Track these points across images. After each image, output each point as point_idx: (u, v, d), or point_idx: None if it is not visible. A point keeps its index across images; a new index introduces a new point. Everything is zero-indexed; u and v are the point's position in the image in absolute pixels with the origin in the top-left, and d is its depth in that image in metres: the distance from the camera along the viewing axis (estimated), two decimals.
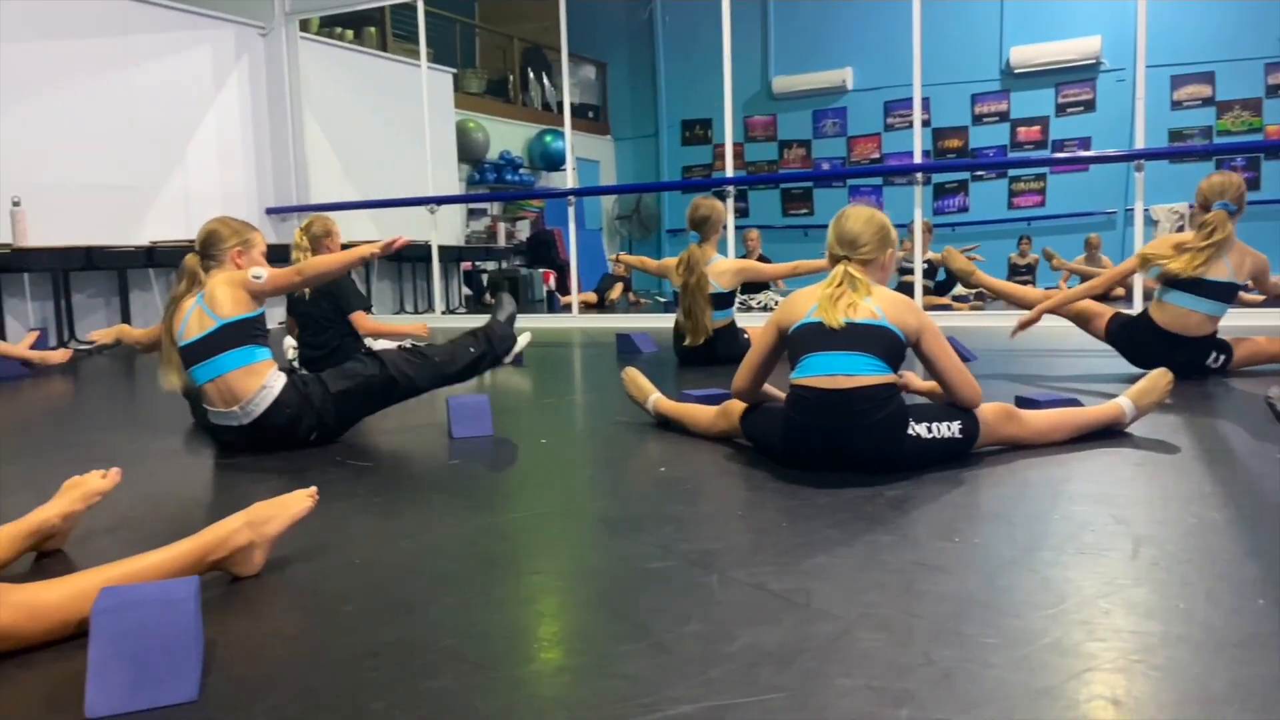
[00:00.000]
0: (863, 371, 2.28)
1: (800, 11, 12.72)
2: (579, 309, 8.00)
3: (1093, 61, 11.40)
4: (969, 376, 2.43)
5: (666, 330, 5.24)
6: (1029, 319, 3.98)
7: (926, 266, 6.84)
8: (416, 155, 8.57)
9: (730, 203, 6.86)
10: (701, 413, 2.85)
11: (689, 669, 1.27)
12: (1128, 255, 4.90)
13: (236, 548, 1.65)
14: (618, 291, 10.55)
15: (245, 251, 2.89)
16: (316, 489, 1.80)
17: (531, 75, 13.18)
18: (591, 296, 9.96)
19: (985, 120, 12.11)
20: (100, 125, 7.14)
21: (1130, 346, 3.94)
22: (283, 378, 2.82)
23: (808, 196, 13.12)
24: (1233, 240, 3.74)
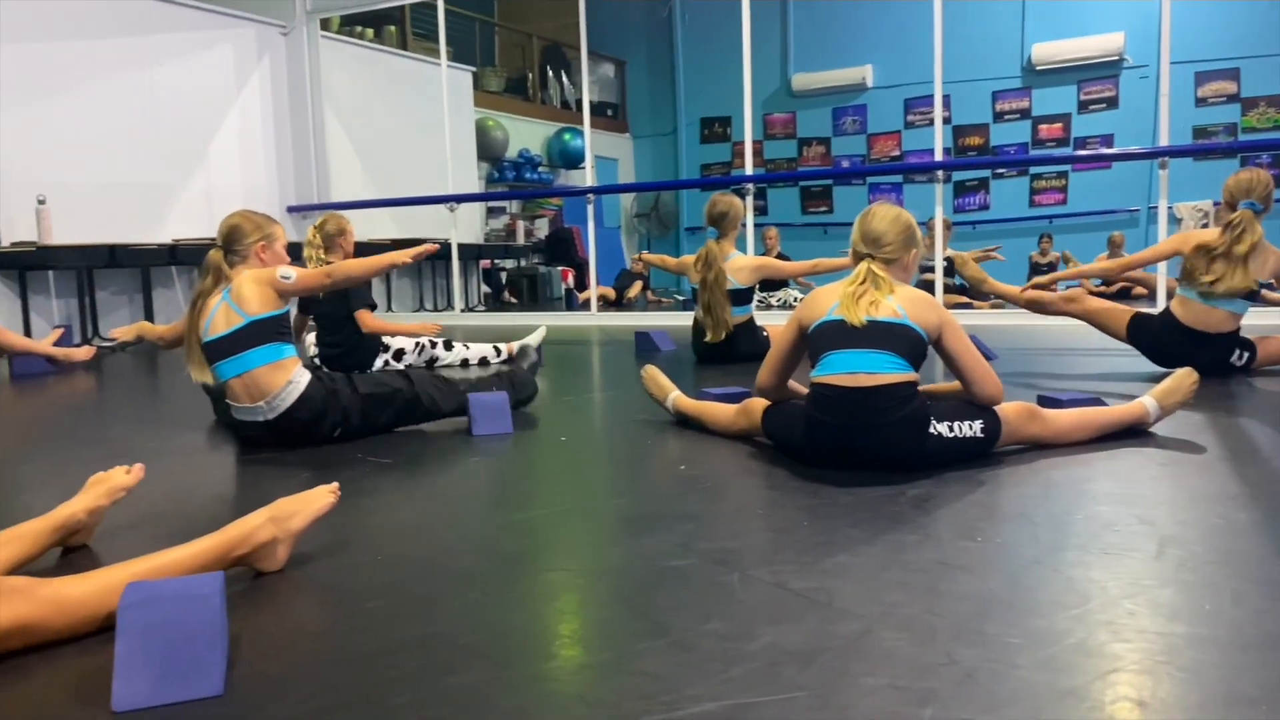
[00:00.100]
0: (884, 370, 2.27)
1: (820, 9, 12.68)
2: (598, 306, 8.00)
3: (1116, 58, 11.30)
4: (991, 373, 2.42)
5: (685, 328, 5.24)
6: (1041, 282, 4.15)
7: (946, 264, 6.80)
8: (436, 153, 8.60)
9: (749, 200, 6.85)
10: (721, 411, 2.84)
11: (710, 667, 1.27)
12: None
13: (260, 543, 1.66)
14: (636, 290, 10.55)
15: (268, 246, 2.91)
16: (338, 485, 1.81)
17: (550, 73, 13.20)
18: (610, 291, 9.97)
19: (1006, 117, 12.03)
20: (124, 124, 7.20)
21: (1152, 345, 3.91)
22: (308, 374, 2.84)
23: (827, 194, 13.08)
24: (1261, 240, 3.70)
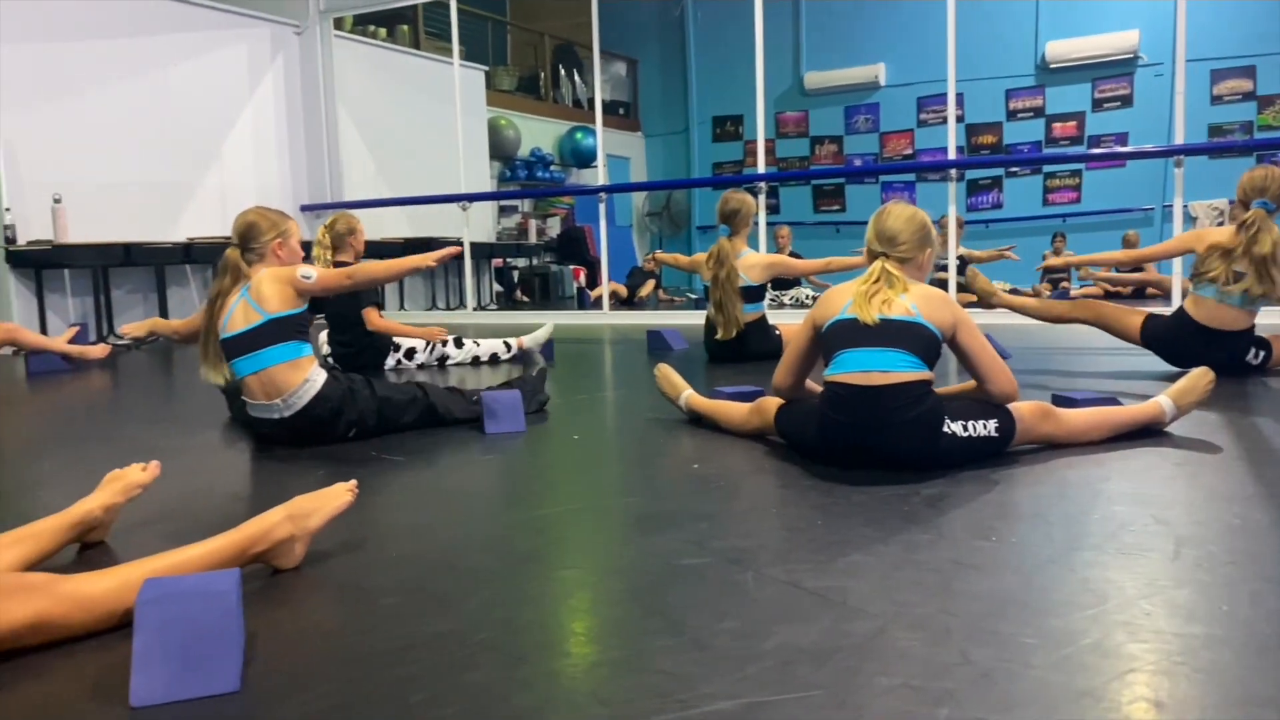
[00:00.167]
0: (898, 368, 2.26)
1: (832, 7, 12.64)
2: (610, 305, 8.00)
3: (1130, 56, 11.24)
4: (1006, 370, 2.41)
5: (697, 327, 5.24)
6: (1055, 263, 4.51)
7: (959, 263, 6.78)
8: (449, 152, 8.62)
9: (762, 199, 6.84)
10: (735, 410, 2.84)
11: (725, 665, 1.27)
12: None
13: (278, 541, 1.66)
14: (648, 289, 10.55)
15: (285, 243, 2.92)
16: (356, 482, 1.81)
17: (563, 72, 13.20)
18: (621, 289, 9.97)
19: (1020, 116, 11.98)
20: (139, 124, 7.24)
21: (1167, 345, 3.89)
22: (324, 373, 2.85)
23: (839, 193, 13.05)
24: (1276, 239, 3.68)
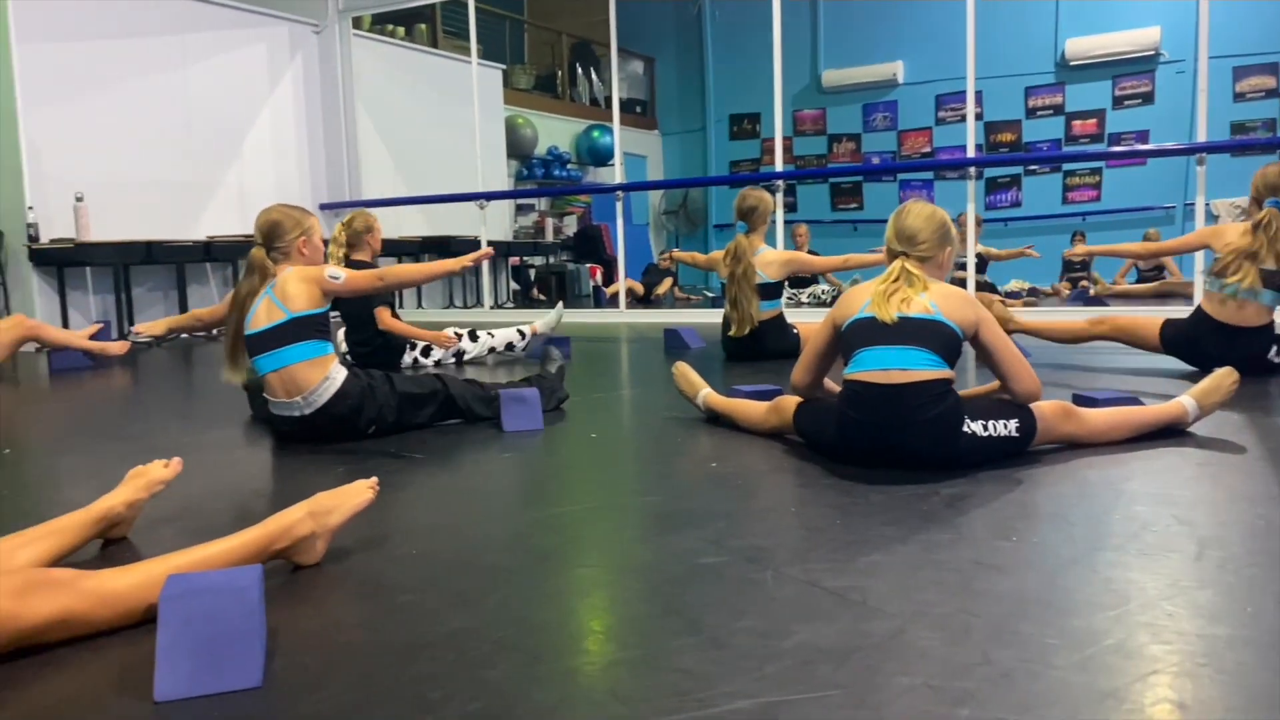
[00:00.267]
0: (918, 366, 2.26)
1: (850, 4, 12.59)
2: (626, 303, 8.00)
3: (1152, 53, 11.15)
4: (1029, 369, 2.40)
5: (714, 326, 5.23)
6: (1079, 253, 4.60)
7: (977, 261, 6.75)
8: (466, 151, 8.64)
9: (779, 197, 6.82)
10: (753, 408, 2.83)
11: (744, 664, 1.26)
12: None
13: (299, 537, 1.67)
14: (666, 286, 10.55)
15: (308, 240, 2.93)
16: (377, 480, 1.82)
17: (580, 71, 13.21)
18: (638, 286, 9.97)
19: (1039, 113, 11.90)
20: (159, 123, 7.30)
21: (1187, 345, 3.87)
22: (344, 371, 2.86)
23: (857, 191, 13.00)
24: None
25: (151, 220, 7.05)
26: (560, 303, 5.28)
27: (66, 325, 6.36)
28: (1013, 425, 2.34)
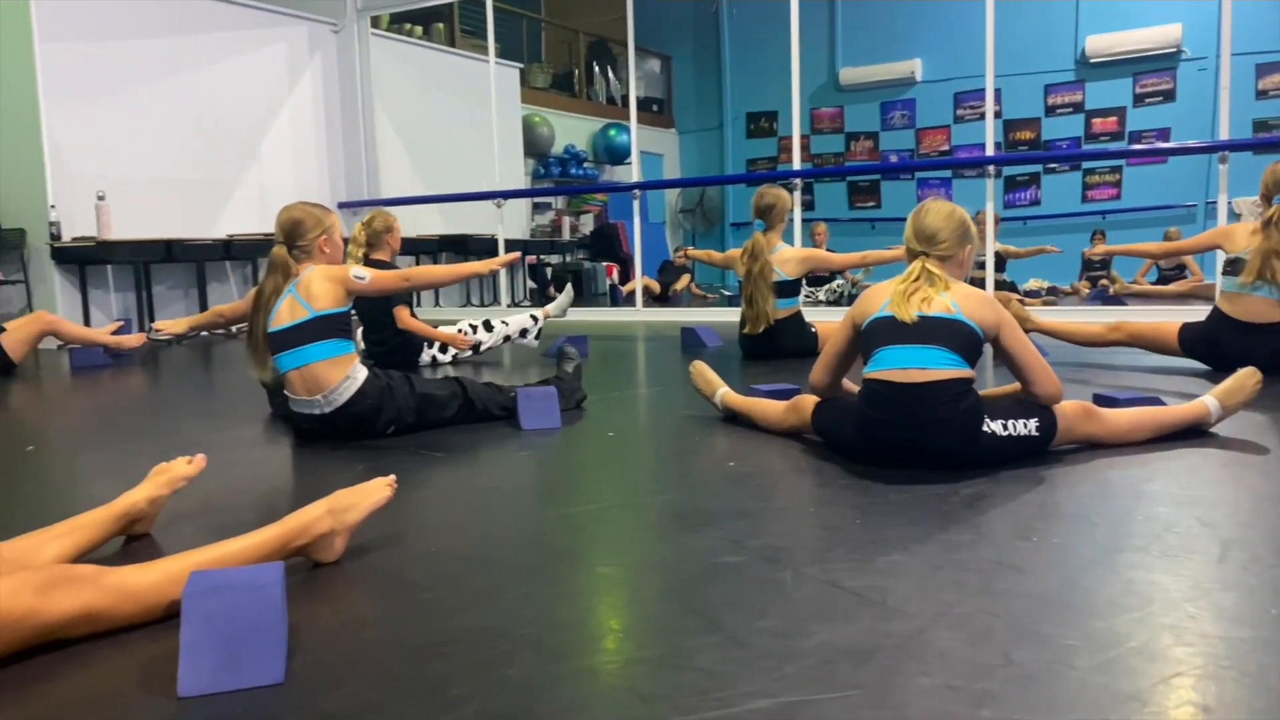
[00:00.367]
0: (937, 365, 2.25)
1: (869, 2, 12.55)
2: (643, 301, 8.00)
3: (1173, 50, 11.05)
4: (1050, 371, 2.38)
5: (731, 325, 5.22)
6: (1098, 252, 4.74)
7: (996, 259, 6.72)
8: (483, 149, 8.66)
9: (797, 196, 6.81)
10: (771, 407, 2.83)
11: (764, 664, 1.26)
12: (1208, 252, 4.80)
13: (318, 535, 1.68)
14: (683, 283, 10.53)
15: (329, 238, 2.94)
16: (395, 478, 1.83)
17: (597, 69, 13.21)
18: (654, 284, 9.96)
19: (1059, 111, 11.82)
20: (180, 122, 7.34)
21: (1207, 348, 3.84)
22: (365, 370, 2.88)
23: (875, 189, 12.96)
24: None
25: (172, 219, 7.11)
26: (569, 285, 5.31)
27: (88, 323, 6.42)
28: (1033, 425, 2.32)
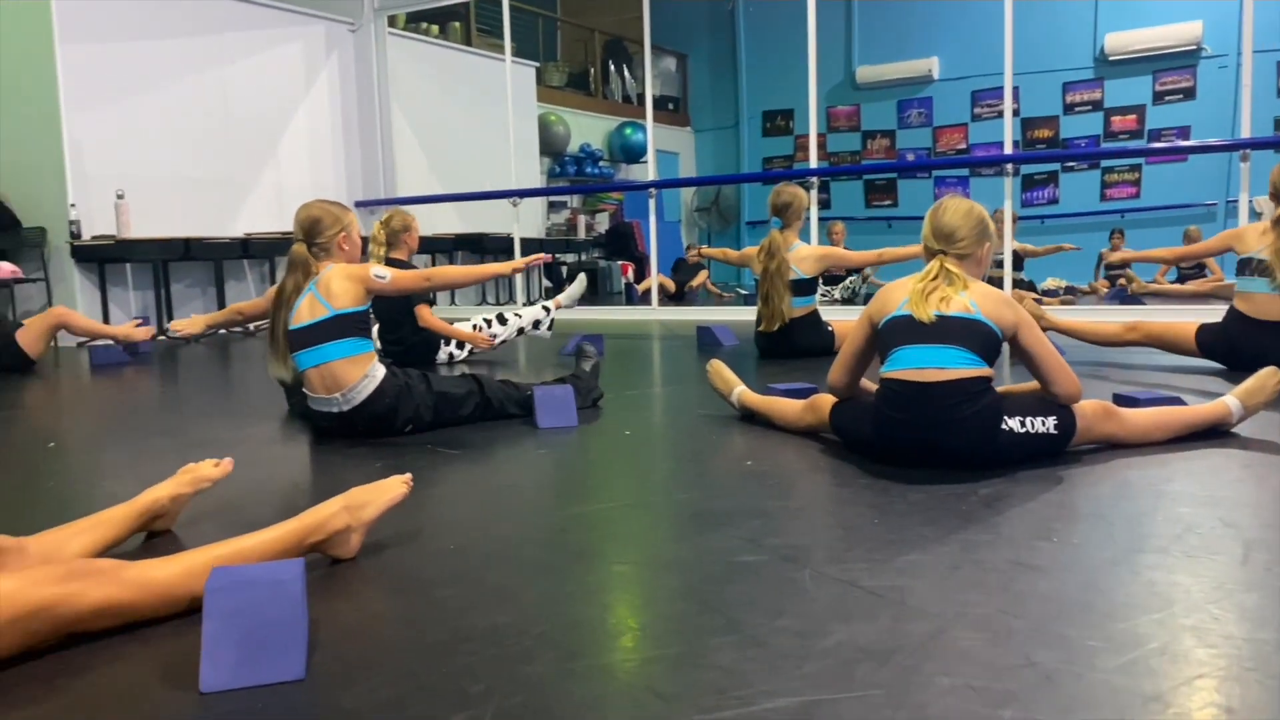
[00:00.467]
0: (955, 365, 2.24)
1: (885, 1, 12.50)
2: (659, 300, 8.00)
3: (1193, 47, 10.97)
4: (1069, 371, 2.37)
5: (747, 323, 5.22)
6: (1114, 260, 4.71)
7: (1014, 258, 6.68)
8: (499, 148, 8.67)
9: (813, 194, 6.79)
10: (788, 406, 2.82)
11: (783, 663, 1.26)
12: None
13: (335, 531, 1.69)
14: (701, 279, 10.51)
15: (348, 236, 2.95)
16: (411, 475, 1.83)
17: (612, 68, 13.22)
18: (670, 283, 9.96)
19: (1077, 109, 11.74)
20: (198, 121, 7.39)
21: (1226, 347, 3.82)
22: (383, 369, 2.89)
23: (891, 188, 12.91)
24: None
25: (190, 217, 7.15)
26: (582, 275, 5.33)
27: (108, 320, 6.46)
28: (1051, 422, 2.31)
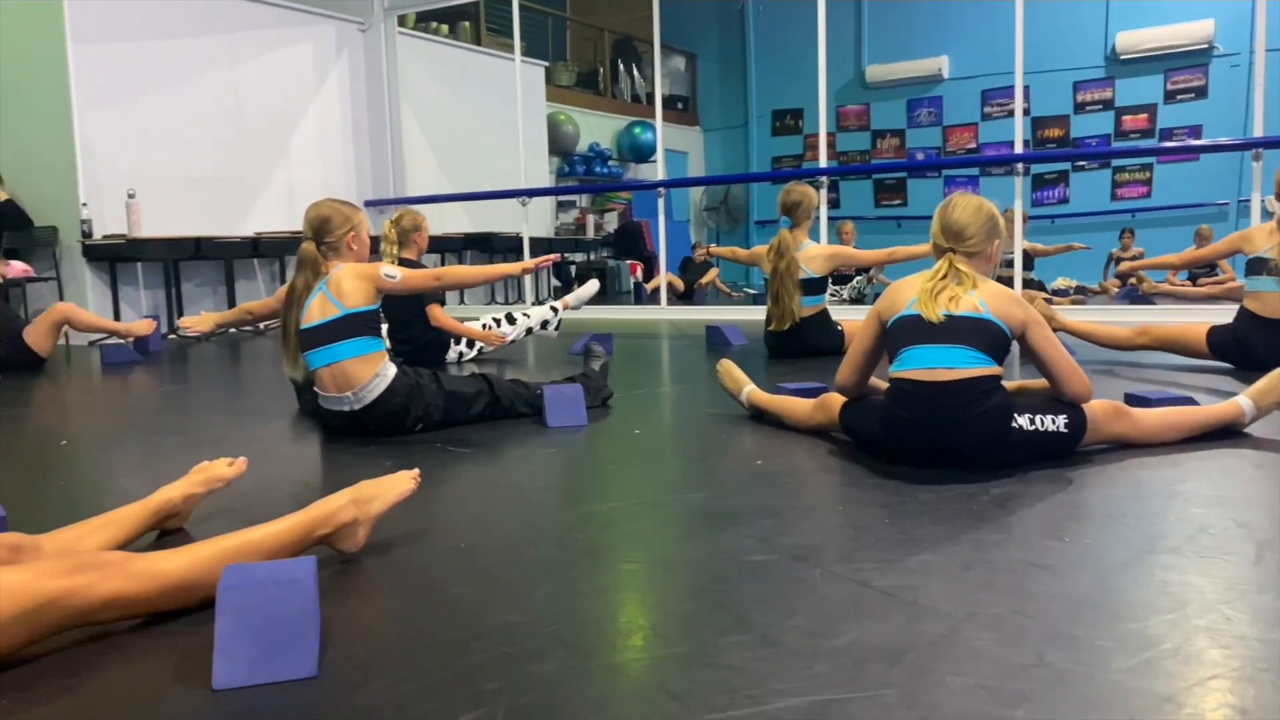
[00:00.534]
0: (964, 364, 2.23)
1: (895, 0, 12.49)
2: (667, 299, 8.00)
3: (1205, 46, 10.92)
4: (1079, 370, 2.36)
5: (756, 322, 5.21)
6: (1124, 270, 4.89)
7: (1024, 257, 6.66)
8: (509, 148, 8.68)
9: (823, 193, 6.78)
10: (798, 405, 2.82)
11: (794, 662, 1.26)
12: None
13: (341, 524, 1.70)
14: (710, 276, 10.50)
15: (357, 235, 2.96)
16: (419, 471, 1.84)
17: (622, 67, 13.22)
18: (679, 282, 9.95)
19: (1088, 108, 11.70)
20: (209, 121, 7.41)
21: (1237, 347, 3.80)
22: (394, 368, 2.89)
23: (901, 187, 12.88)
24: None
25: (201, 217, 7.18)
26: (594, 279, 5.34)
27: (119, 319, 6.49)
28: (1061, 421, 2.30)
